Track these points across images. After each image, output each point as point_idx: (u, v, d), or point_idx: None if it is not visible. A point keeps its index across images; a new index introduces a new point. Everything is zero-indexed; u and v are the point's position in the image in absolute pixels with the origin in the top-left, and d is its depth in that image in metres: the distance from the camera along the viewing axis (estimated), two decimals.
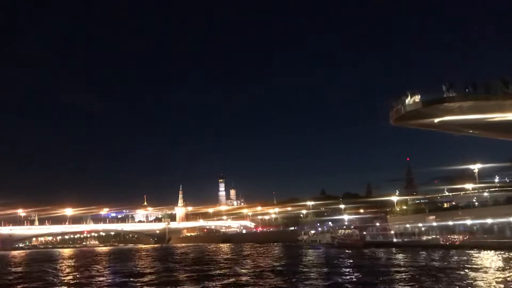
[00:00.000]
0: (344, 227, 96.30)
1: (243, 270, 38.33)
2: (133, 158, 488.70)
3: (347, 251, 65.87)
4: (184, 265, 48.78)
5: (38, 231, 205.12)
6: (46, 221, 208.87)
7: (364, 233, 77.83)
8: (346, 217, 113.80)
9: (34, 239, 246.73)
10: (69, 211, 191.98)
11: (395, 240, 69.94)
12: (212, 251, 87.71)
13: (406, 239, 68.04)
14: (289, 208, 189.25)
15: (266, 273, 36.46)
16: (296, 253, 66.21)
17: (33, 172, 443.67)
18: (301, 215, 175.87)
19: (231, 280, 32.14)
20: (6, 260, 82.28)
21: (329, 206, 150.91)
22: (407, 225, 73.50)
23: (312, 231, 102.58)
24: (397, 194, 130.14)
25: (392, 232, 73.17)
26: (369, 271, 36.61)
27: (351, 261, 48.69)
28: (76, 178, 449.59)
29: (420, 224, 71.12)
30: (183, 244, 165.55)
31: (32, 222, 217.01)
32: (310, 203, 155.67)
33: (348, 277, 33.57)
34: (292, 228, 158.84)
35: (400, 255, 53.31)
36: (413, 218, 77.40)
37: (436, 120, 35.40)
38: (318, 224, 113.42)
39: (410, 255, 51.78)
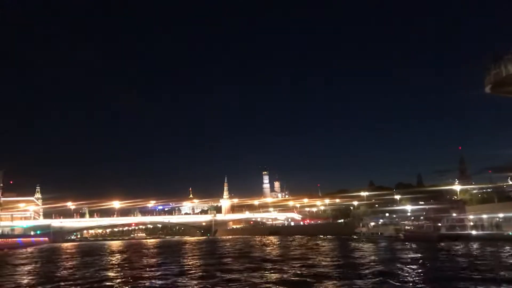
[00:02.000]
0: (413, 218, 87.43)
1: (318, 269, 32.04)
2: (178, 151, 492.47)
3: (413, 245, 59.76)
4: (238, 259, 44.14)
5: (88, 223, 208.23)
6: (95, 213, 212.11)
7: (439, 224, 69.22)
8: (409, 207, 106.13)
9: (85, 231, 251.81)
10: (117, 204, 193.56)
11: (474, 232, 62.36)
12: (263, 243, 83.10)
13: (488, 232, 60.62)
14: (338, 200, 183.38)
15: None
16: (359, 247, 59.85)
17: (84, 166, 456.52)
18: (351, 207, 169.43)
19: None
20: (58, 252, 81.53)
21: (382, 197, 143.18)
22: (485, 216, 64.70)
23: (372, 223, 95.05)
24: (456, 183, 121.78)
25: (471, 223, 65.90)
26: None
27: (444, 257, 41.18)
28: (124, 172, 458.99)
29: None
30: (230, 236, 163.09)
31: (83, 215, 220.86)
32: (364, 193, 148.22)
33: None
34: (341, 220, 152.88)
35: (489, 249, 46.64)
36: (499, 208, 68.96)
37: None
38: (378, 216, 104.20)
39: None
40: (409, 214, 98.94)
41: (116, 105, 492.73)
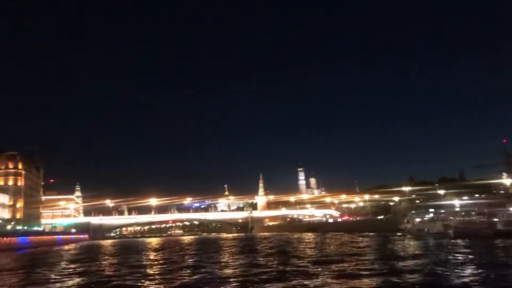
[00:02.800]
0: (463, 213, 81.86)
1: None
2: (213, 148, 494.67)
3: (466, 243, 55.78)
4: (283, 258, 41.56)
5: (126, 220, 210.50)
6: (133, 211, 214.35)
7: (496, 219, 64.02)
8: (457, 202, 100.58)
9: (124, 228, 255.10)
10: (154, 201, 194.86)
11: None
12: (305, 241, 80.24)
13: None
14: (376, 196, 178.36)
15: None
16: (407, 245, 56.15)
17: (121, 164, 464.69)
18: (391, 203, 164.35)
19: None
20: (98, 249, 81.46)
21: (424, 192, 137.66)
22: None
23: (417, 219, 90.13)
24: (504, 176, 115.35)
25: None
26: None
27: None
28: (160, 169, 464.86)
29: None
30: (267, 233, 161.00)
31: (121, 213, 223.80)
32: (406, 188, 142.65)
33: None
34: (381, 216, 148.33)
35: None
36: None
37: None
38: (424, 211, 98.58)
39: None
40: (457, 209, 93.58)
41: (152, 103, 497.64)
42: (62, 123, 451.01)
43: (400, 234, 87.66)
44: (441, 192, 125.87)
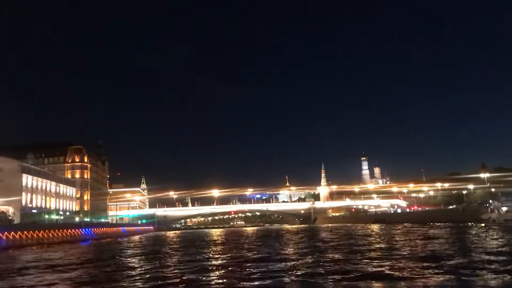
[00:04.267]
0: None
1: None
2: (273, 139, 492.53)
3: None
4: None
5: (189, 212, 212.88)
6: (196, 202, 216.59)
7: None
8: None
9: (188, 219, 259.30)
10: (216, 192, 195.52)
11: None
12: (385, 235, 74.86)
13: None
14: (447, 185, 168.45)
15: None
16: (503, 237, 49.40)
17: (185, 157, 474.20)
18: (464, 191, 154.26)
19: None
20: (163, 240, 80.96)
21: (503, 179, 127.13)
22: None
23: (504, 208, 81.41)
24: None
25: None
26: None
27: None
28: (222, 160, 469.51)
29: None
30: (330, 225, 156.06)
31: (185, 204, 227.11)
32: (484, 175, 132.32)
33: None
34: (453, 206, 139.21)
35: None
36: None
37: None
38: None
39: None
40: None
41: (213, 95, 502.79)
42: (129, 115, 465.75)
43: (483, 225, 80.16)
44: None
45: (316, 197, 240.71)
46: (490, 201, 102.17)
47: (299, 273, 24.80)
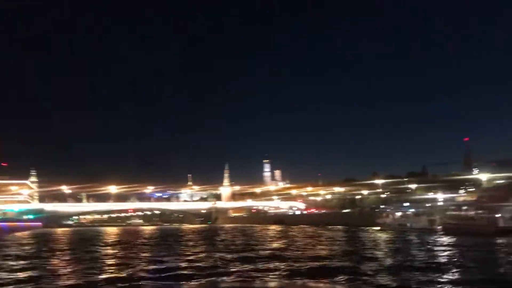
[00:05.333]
0: (454, 207, 76.74)
1: None
2: (176, 136, 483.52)
3: (454, 239, 51.88)
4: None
5: (82, 208, 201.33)
6: (91, 198, 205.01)
7: (499, 215, 57.43)
8: (440, 195, 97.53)
9: (81, 216, 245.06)
10: (113, 189, 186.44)
11: None
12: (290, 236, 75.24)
13: None
14: (342, 189, 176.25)
15: None
16: (386, 239, 51.66)
17: (80, 149, 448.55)
18: (357, 196, 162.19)
19: None
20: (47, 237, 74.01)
21: (394, 187, 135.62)
22: None
23: (398, 213, 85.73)
24: (476, 172, 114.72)
25: None
26: None
27: None
28: (121, 156, 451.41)
29: None
30: (231, 225, 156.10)
31: (80, 200, 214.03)
32: (379, 181, 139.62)
33: None
34: (347, 210, 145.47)
35: None
36: None
37: None
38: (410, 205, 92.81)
39: None
40: (440, 203, 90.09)
41: (115, 87, 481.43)
42: (18, 106, 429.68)
43: (379, 228, 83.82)
44: (412, 186, 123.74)
45: (219, 197, 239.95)
46: (382, 206, 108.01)
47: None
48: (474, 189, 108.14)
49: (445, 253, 36.63)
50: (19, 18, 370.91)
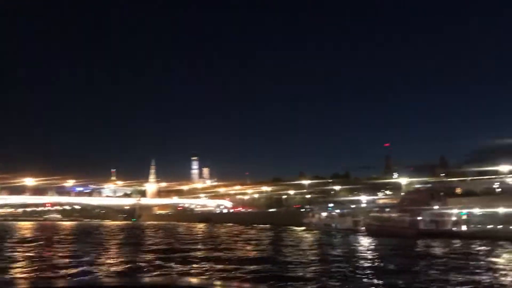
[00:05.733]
0: (378, 209, 78.85)
1: None
2: (100, 130, 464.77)
3: (374, 240, 53.17)
4: None
5: None
6: (3, 190, 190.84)
7: (420, 218, 59.56)
8: (364, 197, 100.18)
9: None
10: (30, 181, 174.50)
11: (455, 229, 55.03)
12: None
13: (472, 228, 53.94)
14: (269, 189, 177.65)
15: None
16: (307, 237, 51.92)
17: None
18: (284, 196, 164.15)
19: None
20: None
21: (319, 188, 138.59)
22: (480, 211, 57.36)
23: (324, 213, 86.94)
24: (396, 177, 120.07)
25: (455, 218, 57.76)
26: None
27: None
28: (40, 148, 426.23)
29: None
30: (155, 222, 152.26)
31: None
32: (306, 182, 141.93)
33: None
34: (273, 209, 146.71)
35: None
36: (481, 202, 61.68)
37: None
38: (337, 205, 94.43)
39: None
40: (363, 205, 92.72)
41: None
42: None
43: (304, 228, 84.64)
44: (337, 188, 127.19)
45: (144, 194, 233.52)
46: (307, 206, 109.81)
47: None
48: (393, 192, 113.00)
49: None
50: None
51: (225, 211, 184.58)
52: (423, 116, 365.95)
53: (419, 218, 60.49)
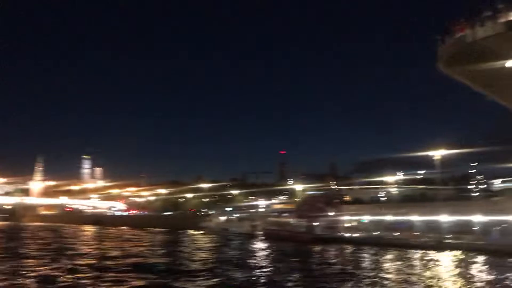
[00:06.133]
0: (276, 214, 79.73)
1: None
2: None
3: (268, 245, 54.28)
4: None
5: None
6: None
7: (317, 223, 61.05)
8: (262, 202, 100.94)
9: None
10: None
11: (348, 235, 57.38)
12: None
13: (362, 235, 56.68)
14: (166, 191, 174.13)
15: None
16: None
17: None
18: (181, 199, 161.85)
19: None
20: None
21: (217, 191, 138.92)
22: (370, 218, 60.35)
23: (223, 217, 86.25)
24: (291, 183, 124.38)
25: (349, 224, 60.76)
26: None
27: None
28: None
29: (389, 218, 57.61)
30: (41, 224, 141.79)
31: None
32: (203, 185, 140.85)
33: None
34: (170, 212, 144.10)
35: (390, 255, 43.15)
36: (369, 210, 65.04)
37: None
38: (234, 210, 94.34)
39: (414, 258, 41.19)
40: (261, 210, 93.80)
41: None
42: None
43: (202, 232, 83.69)
44: (234, 192, 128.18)
45: (28, 193, 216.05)
46: (204, 209, 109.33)
47: None
48: (289, 197, 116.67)
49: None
50: None
51: (117, 213, 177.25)
52: (320, 126, 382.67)
53: (315, 223, 62.35)
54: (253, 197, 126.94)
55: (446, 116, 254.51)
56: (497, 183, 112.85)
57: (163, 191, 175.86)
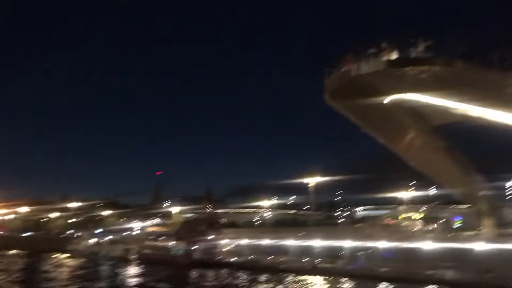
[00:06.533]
0: (153, 237, 75.13)
1: None
2: None
3: (142, 270, 51.77)
4: None
5: None
6: None
7: (196, 247, 58.88)
8: (138, 224, 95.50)
9: None
10: None
11: (228, 259, 56.05)
12: None
13: (240, 259, 55.62)
14: (26, 210, 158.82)
15: None
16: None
17: None
18: (44, 219, 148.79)
19: None
20: None
21: (87, 212, 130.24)
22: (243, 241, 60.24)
23: (93, 239, 79.56)
24: (167, 205, 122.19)
25: (228, 248, 59.10)
26: None
27: None
28: None
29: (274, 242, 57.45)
30: None
31: None
32: (74, 204, 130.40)
33: None
34: (30, 233, 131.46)
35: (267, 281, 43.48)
36: (244, 233, 65.50)
37: (393, 97, 26.16)
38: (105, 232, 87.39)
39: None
40: (136, 232, 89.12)
41: None
42: None
43: (69, 255, 76.90)
44: (108, 212, 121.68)
45: None
46: (72, 231, 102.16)
47: None
48: (164, 220, 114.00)
49: None
50: None
51: None
52: (200, 149, 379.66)
53: (193, 247, 60.95)
54: (126, 219, 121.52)
55: (327, 146, 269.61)
56: (359, 211, 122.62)
57: (23, 209, 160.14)
